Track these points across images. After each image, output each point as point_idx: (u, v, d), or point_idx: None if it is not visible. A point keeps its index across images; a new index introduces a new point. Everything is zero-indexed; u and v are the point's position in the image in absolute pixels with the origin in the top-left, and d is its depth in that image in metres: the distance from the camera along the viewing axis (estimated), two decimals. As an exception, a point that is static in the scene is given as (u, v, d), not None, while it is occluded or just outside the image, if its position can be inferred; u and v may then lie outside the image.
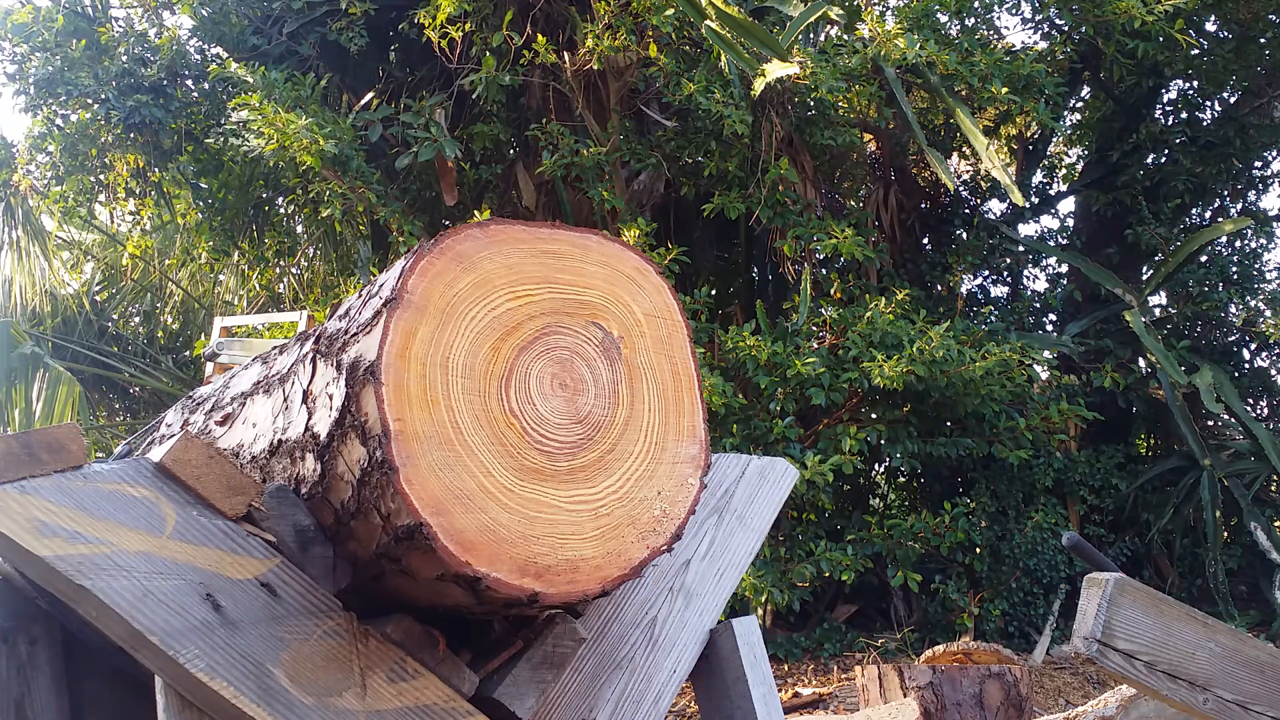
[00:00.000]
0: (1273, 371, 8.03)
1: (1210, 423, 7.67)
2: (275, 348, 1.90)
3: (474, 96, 6.70)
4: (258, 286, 9.42)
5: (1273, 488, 7.31)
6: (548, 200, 7.22)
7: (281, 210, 8.73)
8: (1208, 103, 8.17)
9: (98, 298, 9.84)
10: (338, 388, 1.43)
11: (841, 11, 6.65)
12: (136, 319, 10.32)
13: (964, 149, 8.03)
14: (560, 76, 6.67)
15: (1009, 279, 8.65)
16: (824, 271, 7.51)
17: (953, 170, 8.31)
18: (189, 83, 7.70)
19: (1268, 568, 6.67)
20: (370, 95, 7.04)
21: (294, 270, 9.54)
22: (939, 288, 7.98)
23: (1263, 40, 7.43)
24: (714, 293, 7.87)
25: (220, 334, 6.61)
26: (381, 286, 1.47)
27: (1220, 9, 7.16)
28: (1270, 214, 8.17)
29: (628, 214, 6.49)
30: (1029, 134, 8.69)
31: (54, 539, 1.31)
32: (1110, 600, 1.69)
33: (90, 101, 7.11)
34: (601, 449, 1.53)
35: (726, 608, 1.95)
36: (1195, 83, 8.00)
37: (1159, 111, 8.25)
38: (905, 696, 3.20)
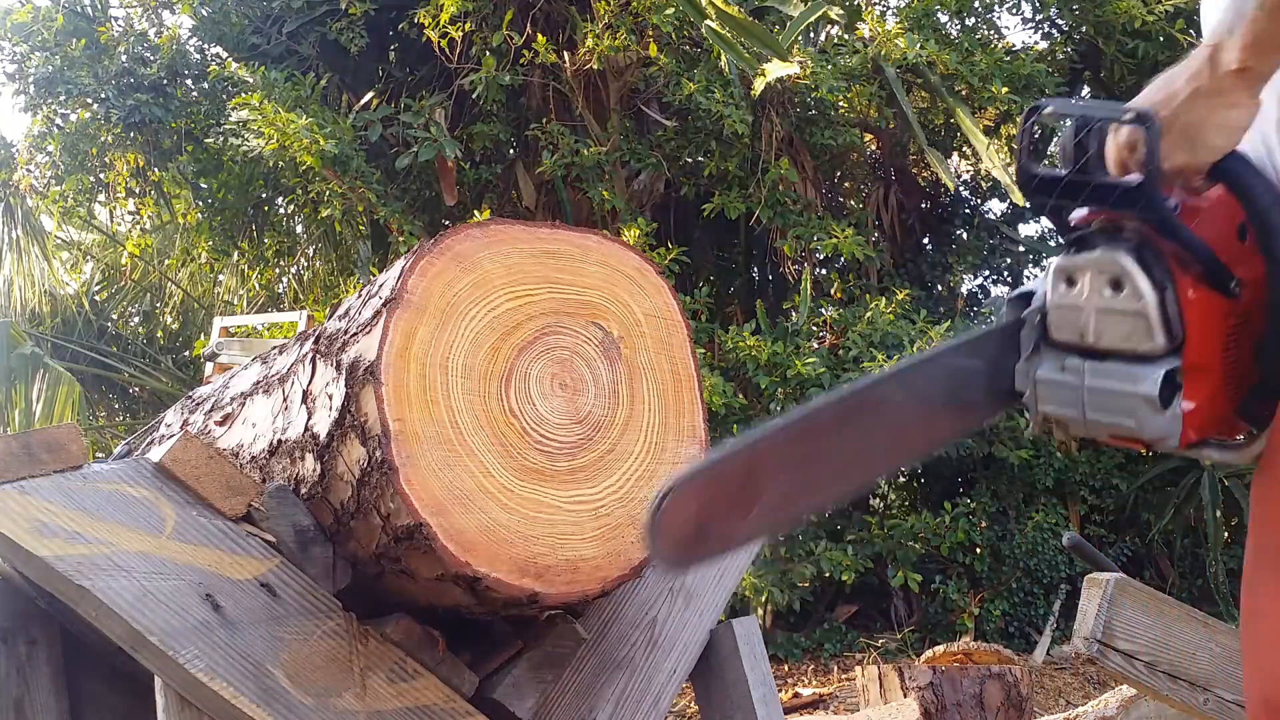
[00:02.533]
0: (1273, 371, 8.03)
1: (1211, 423, 7.66)
2: (274, 348, 1.90)
3: (474, 96, 6.69)
4: (257, 286, 9.41)
5: (1273, 488, 7.30)
6: (548, 200, 7.22)
7: (281, 210, 8.72)
8: (1208, 102, 8.16)
9: (97, 298, 9.82)
10: (337, 388, 1.43)
11: (841, 11, 6.64)
12: (136, 319, 10.31)
13: (964, 149, 8.02)
14: (560, 76, 6.67)
15: (1009, 279, 8.64)
16: (824, 271, 7.49)
17: (953, 170, 8.31)
18: (189, 82, 7.68)
19: (1268, 568, 6.66)
20: (370, 95, 7.02)
21: (294, 270, 9.52)
22: (939, 288, 7.97)
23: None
24: (714, 293, 7.86)
25: (219, 334, 6.60)
26: (381, 286, 1.47)
27: (1220, 9, 7.16)
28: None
29: (628, 214, 6.48)
30: (1029, 134, 8.68)
31: (53, 539, 1.31)
32: (1111, 600, 1.69)
33: (90, 101, 7.09)
34: (601, 449, 1.53)
35: (726, 608, 1.95)
36: (1195, 82, 7.99)
37: (1159, 111, 8.24)
38: (905, 697, 3.20)
